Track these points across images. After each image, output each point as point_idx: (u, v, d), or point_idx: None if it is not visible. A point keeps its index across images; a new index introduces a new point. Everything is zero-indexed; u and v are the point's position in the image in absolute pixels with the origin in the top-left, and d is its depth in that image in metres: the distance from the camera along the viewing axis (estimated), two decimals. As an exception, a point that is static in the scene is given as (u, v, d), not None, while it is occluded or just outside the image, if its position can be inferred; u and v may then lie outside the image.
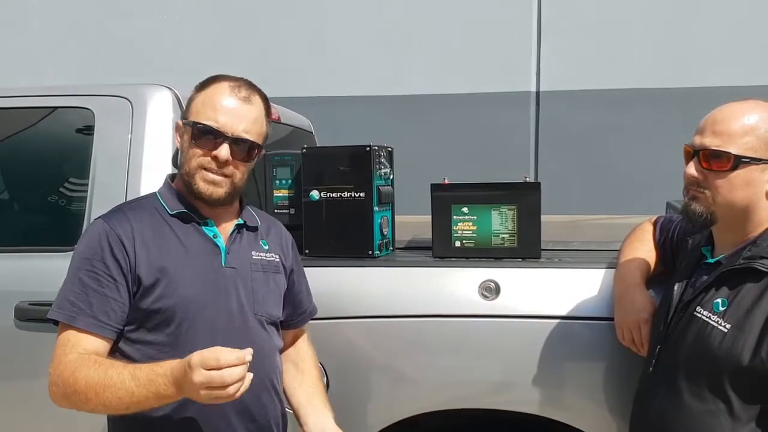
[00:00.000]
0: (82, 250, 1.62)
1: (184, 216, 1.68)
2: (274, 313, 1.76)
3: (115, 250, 1.59)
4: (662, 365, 1.62)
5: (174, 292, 1.60)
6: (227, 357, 1.33)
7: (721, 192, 1.52)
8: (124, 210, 1.69)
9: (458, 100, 5.80)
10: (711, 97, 1.96)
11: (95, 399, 1.45)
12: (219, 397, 1.34)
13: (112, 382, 1.44)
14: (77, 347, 1.54)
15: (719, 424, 1.48)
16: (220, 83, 1.67)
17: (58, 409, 1.56)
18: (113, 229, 1.61)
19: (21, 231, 2.41)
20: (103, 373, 1.46)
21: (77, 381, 1.48)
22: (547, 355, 1.95)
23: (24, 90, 2.42)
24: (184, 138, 1.67)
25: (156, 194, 1.73)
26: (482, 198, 2.18)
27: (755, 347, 1.43)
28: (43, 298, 2.12)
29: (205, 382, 1.32)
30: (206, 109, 1.63)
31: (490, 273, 2.03)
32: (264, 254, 1.76)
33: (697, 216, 1.55)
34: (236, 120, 1.63)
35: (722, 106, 1.57)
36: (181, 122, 1.69)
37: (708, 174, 1.53)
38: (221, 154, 1.61)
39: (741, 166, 1.50)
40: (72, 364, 1.51)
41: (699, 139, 1.54)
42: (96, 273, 1.58)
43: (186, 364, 1.36)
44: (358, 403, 2.05)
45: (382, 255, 2.25)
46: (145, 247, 1.61)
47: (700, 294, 1.57)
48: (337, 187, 2.22)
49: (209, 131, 1.62)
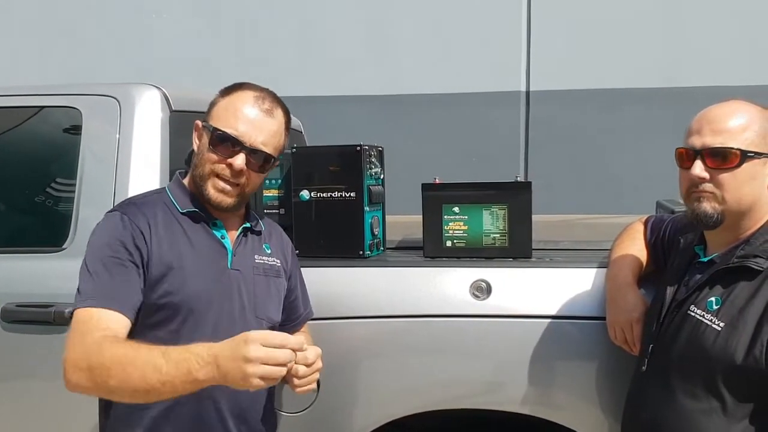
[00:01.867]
0: (102, 237, 1.59)
1: (195, 215, 1.68)
2: (274, 317, 1.77)
3: (136, 239, 1.58)
4: (655, 364, 1.62)
5: (180, 289, 1.60)
6: (291, 339, 1.32)
7: (730, 189, 1.52)
8: (137, 204, 1.68)
9: (448, 99, 5.80)
10: (700, 97, 1.96)
11: (119, 374, 1.38)
12: (268, 376, 1.30)
13: (140, 355, 1.38)
14: (100, 325, 1.47)
15: (713, 422, 1.48)
16: (245, 91, 1.66)
17: (46, 411, 1.54)
18: (132, 220, 1.60)
19: (8, 232, 2.38)
20: (133, 350, 1.41)
21: (103, 353, 1.41)
22: (538, 354, 1.95)
23: (11, 89, 2.40)
24: (203, 140, 1.66)
25: (166, 190, 1.73)
26: (473, 198, 2.17)
27: (749, 345, 1.44)
28: (30, 300, 2.11)
29: (265, 359, 1.29)
30: (228, 115, 1.63)
31: (482, 273, 2.03)
32: (266, 258, 1.77)
33: (708, 217, 1.54)
34: (256, 131, 1.63)
35: (709, 108, 1.58)
36: (201, 123, 1.68)
37: (714, 173, 1.53)
38: (236, 163, 1.61)
39: (746, 160, 1.51)
40: (97, 341, 1.44)
41: (698, 139, 1.54)
42: (119, 258, 1.55)
43: (241, 339, 1.31)
44: (348, 404, 2.04)
45: (372, 255, 2.24)
46: (158, 242, 1.61)
47: (693, 293, 1.58)
48: (327, 186, 2.21)
49: (228, 139, 1.61)
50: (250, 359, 1.29)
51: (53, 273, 2.12)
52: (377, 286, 2.08)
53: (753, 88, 4.74)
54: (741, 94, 1.68)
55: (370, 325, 2.03)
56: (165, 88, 2.28)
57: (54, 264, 2.13)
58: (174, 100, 2.26)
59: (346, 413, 2.04)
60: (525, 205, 2.15)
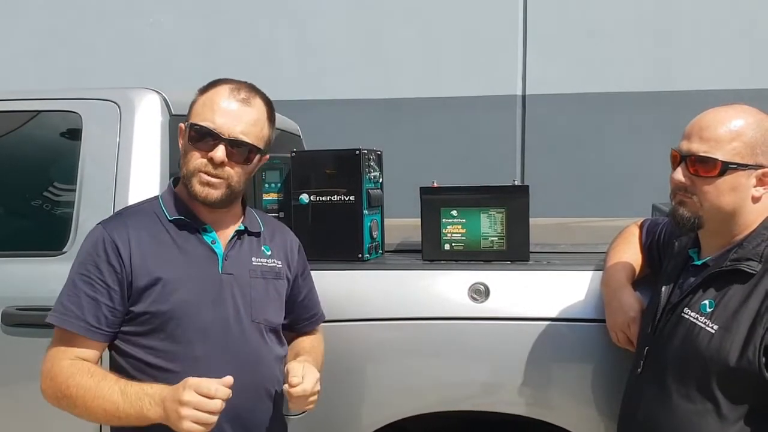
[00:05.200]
0: (80, 255, 1.65)
1: (182, 222, 1.67)
2: (273, 320, 1.75)
3: (110, 255, 1.60)
4: (650, 366, 1.64)
5: (168, 298, 1.60)
6: (221, 391, 1.44)
7: (709, 197, 1.54)
8: (124, 215, 1.70)
9: (446, 103, 5.82)
10: (696, 100, 1.99)
11: (82, 406, 1.53)
12: (199, 421, 1.42)
13: (101, 393, 1.51)
14: (69, 352, 1.58)
15: (707, 424, 1.49)
16: (220, 86, 1.66)
17: (47, 414, 1.57)
18: (110, 234, 1.62)
19: (8, 236, 2.38)
20: (95, 383, 1.52)
21: (69, 387, 1.54)
22: (536, 356, 1.96)
23: (11, 93, 2.41)
24: (184, 139, 1.66)
25: (159, 198, 1.73)
26: (471, 201, 2.19)
27: (742, 348, 1.45)
28: (30, 304, 2.11)
29: (196, 404, 1.42)
30: (205, 110, 1.62)
31: (480, 276, 2.04)
32: (265, 260, 1.75)
33: (684, 220, 1.57)
34: (234, 121, 1.61)
35: (708, 111, 1.58)
36: (182, 125, 1.68)
37: (695, 179, 1.54)
38: (216, 155, 1.59)
39: (728, 172, 1.51)
40: (66, 369, 1.56)
41: (686, 144, 1.56)
42: (90, 278, 1.60)
43: (181, 384, 1.45)
44: (348, 407, 2.05)
45: (371, 258, 2.25)
46: (140, 253, 1.61)
47: (687, 295, 1.59)
48: (326, 190, 2.22)
49: (206, 132, 1.60)
50: (183, 403, 1.42)
51: (54, 276, 2.09)
52: (376, 290, 2.09)
53: (748, 91, 4.77)
54: (735, 97, 1.69)
55: (369, 328, 2.04)
56: (165, 93, 2.29)
57: (55, 267, 2.12)
58: (174, 104, 2.27)
59: (346, 415, 2.05)
60: (523, 209, 2.16)
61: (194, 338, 1.61)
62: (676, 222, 1.60)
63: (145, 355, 1.60)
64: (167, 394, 1.46)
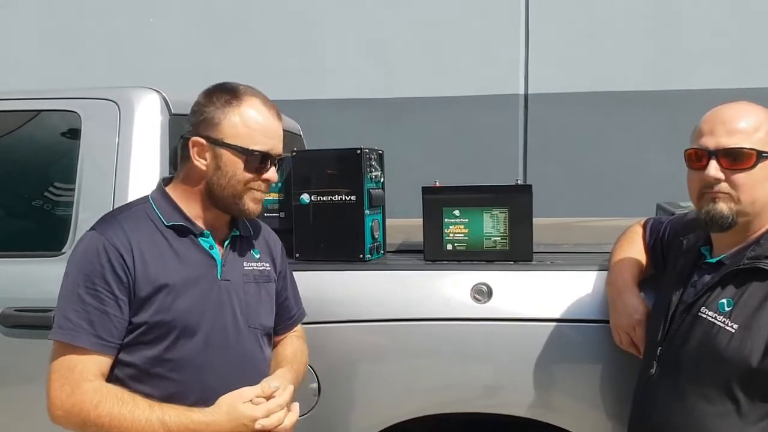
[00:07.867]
0: (81, 264, 1.56)
1: (180, 228, 1.63)
2: (268, 325, 1.75)
3: (115, 265, 1.53)
4: (665, 367, 1.60)
5: (171, 307, 1.57)
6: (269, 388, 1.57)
7: (746, 189, 1.51)
8: (119, 220, 1.61)
9: (448, 102, 5.80)
10: (698, 99, 1.97)
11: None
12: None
13: (140, 425, 1.46)
14: (86, 373, 1.51)
15: (727, 425, 1.47)
16: (252, 100, 1.62)
17: (46, 415, 1.54)
18: (111, 242, 1.55)
19: (7, 236, 2.37)
20: (129, 412, 1.47)
21: (100, 416, 1.47)
22: (539, 357, 1.95)
23: (9, 93, 2.39)
24: (223, 160, 1.59)
25: (149, 200, 1.67)
26: (474, 201, 2.17)
27: (765, 347, 1.43)
28: (29, 305, 2.10)
29: (265, 411, 1.53)
30: (251, 132, 1.59)
31: (482, 276, 2.02)
32: (255, 264, 1.74)
33: (724, 218, 1.53)
34: (278, 140, 1.66)
35: (719, 107, 1.57)
36: (204, 142, 1.59)
37: (729, 173, 1.52)
38: (273, 177, 1.64)
39: (761, 161, 1.50)
40: (92, 395, 1.49)
41: (712, 140, 1.53)
42: (97, 291, 1.53)
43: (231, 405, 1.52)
44: (349, 408, 2.03)
45: (373, 258, 2.24)
46: (143, 261, 1.56)
47: (704, 294, 1.56)
48: (327, 190, 2.21)
49: (265, 157, 1.62)
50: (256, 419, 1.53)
51: (52, 277, 2.07)
52: (378, 290, 2.07)
53: (749, 90, 4.74)
54: (737, 95, 1.68)
55: (371, 328, 2.02)
56: (164, 92, 2.27)
57: (53, 268, 2.09)
58: (173, 103, 2.26)
59: (347, 417, 2.03)
60: (526, 208, 2.14)
61: (196, 346, 1.59)
62: (714, 221, 1.54)
63: (144, 364, 1.56)
64: (222, 419, 1.51)
